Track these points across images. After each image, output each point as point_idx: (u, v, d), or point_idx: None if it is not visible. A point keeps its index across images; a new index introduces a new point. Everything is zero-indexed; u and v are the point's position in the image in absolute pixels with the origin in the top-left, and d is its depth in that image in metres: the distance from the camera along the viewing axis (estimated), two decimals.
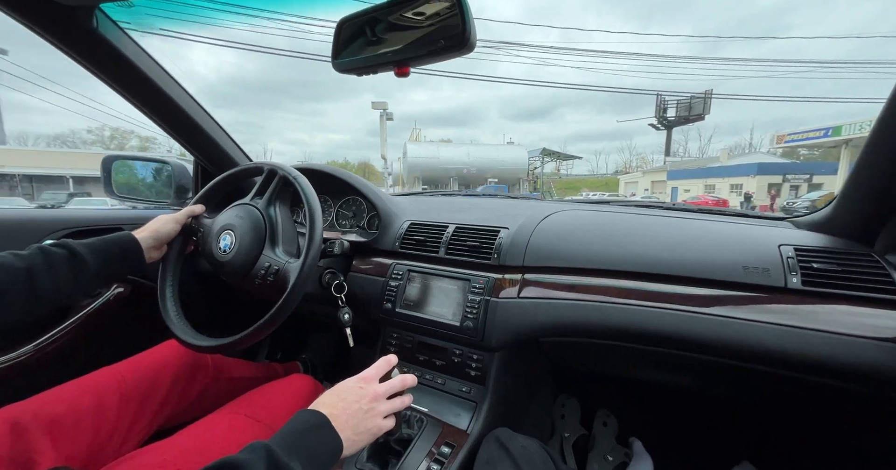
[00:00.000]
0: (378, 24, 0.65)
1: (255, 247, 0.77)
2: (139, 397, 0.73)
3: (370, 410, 0.54)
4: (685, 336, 0.68)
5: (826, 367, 0.59)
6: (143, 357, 0.80)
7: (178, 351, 0.83)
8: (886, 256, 0.65)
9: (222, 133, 1.09)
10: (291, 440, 0.46)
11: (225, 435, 0.66)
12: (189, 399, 0.84)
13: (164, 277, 0.84)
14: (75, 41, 0.75)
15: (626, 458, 1.06)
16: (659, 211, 1.03)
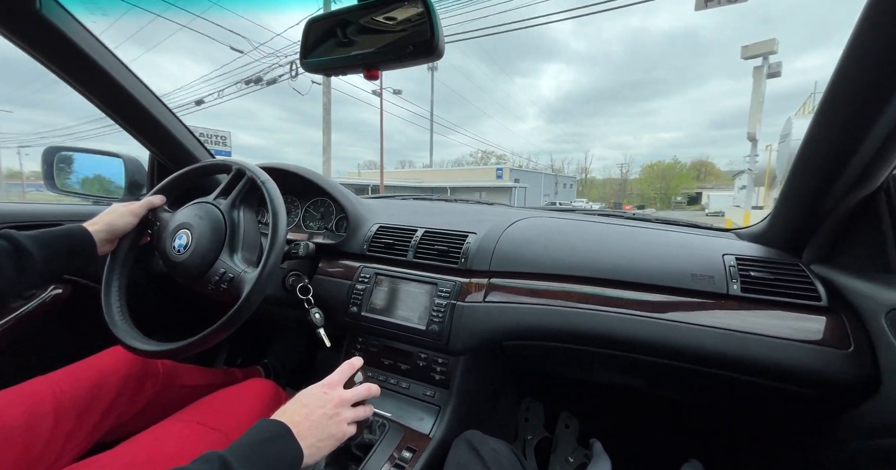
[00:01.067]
0: (349, 26, 0.65)
1: (211, 250, 0.72)
2: (78, 409, 0.68)
3: (335, 416, 0.53)
4: (638, 340, 0.72)
5: (759, 367, 0.64)
6: (84, 365, 0.74)
7: (125, 358, 0.77)
8: (812, 266, 0.71)
9: (182, 128, 1.04)
10: (248, 451, 0.44)
11: (175, 445, 0.62)
12: (135, 409, 0.78)
13: (110, 274, 0.77)
14: (16, 23, 0.69)
15: (585, 459, 1.09)
16: (619, 220, 1.08)
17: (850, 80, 0.49)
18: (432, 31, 0.55)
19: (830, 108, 0.53)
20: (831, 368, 0.60)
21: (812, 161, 0.61)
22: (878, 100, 0.47)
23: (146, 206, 0.80)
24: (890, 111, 0.48)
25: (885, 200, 0.59)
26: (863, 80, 0.48)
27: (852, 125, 0.52)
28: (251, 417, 0.72)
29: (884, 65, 0.45)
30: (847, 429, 0.64)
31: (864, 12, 0.43)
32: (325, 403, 0.53)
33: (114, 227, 0.75)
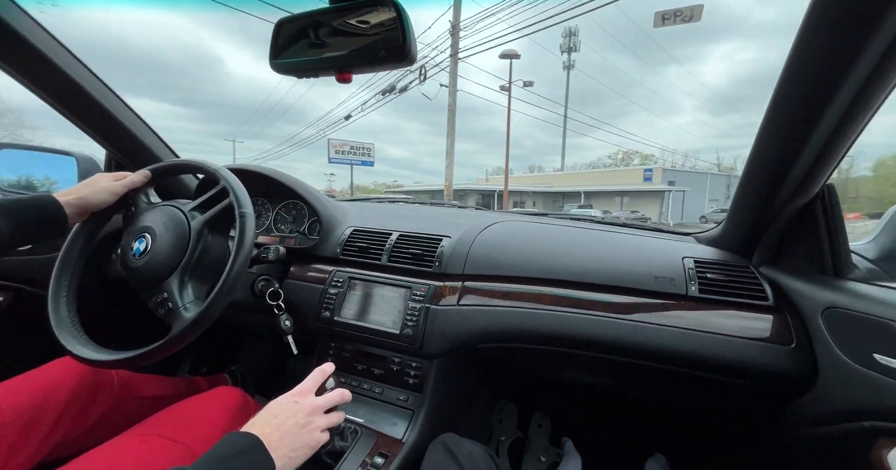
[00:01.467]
0: (322, 27, 0.64)
1: (164, 268, 0.66)
2: (21, 425, 0.62)
3: (307, 424, 0.52)
4: (606, 340, 0.75)
5: (715, 364, 0.68)
6: (27, 378, 0.68)
7: (74, 369, 0.72)
8: (760, 268, 0.77)
9: (143, 126, 0.99)
10: (216, 465, 0.42)
11: (133, 460, 0.58)
12: (87, 424, 0.73)
13: (59, 276, 0.71)
14: None
15: (557, 457, 1.12)
16: (590, 224, 1.12)
17: (786, 104, 0.54)
18: (404, 36, 0.56)
19: (771, 126, 0.58)
20: (776, 363, 0.65)
21: (758, 172, 0.65)
22: (811, 120, 0.52)
23: (128, 186, 0.74)
24: (821, 129, 0.53)
25: (820, 207, 0.65)
26: (796, 104, 0.53)
27: (790, 141, 0.57)
28: (217, 428, 0.69)
29: (811, 93, 0.50)
30: (792, 419, 0.69)
31: (793, 47, 0.47)
32: (297, 412, 0.52)
33: (87, 201, 0.70)
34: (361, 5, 0.58)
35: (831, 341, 0.59)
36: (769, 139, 0.60)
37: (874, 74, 0.45)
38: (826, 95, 0.49)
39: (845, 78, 0.46)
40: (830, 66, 0.46)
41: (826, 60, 0.46)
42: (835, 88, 0.47)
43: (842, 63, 0.45)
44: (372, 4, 0.57)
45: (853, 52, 0.43)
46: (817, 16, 0.44)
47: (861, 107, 0.49)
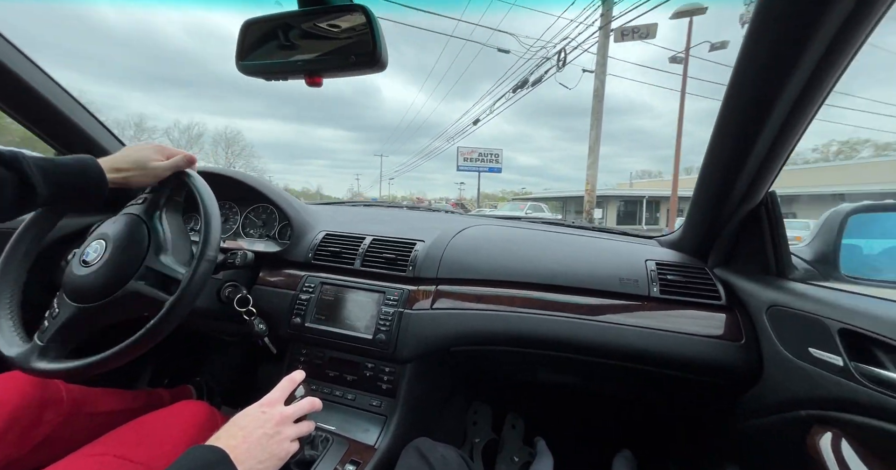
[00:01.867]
0: (291, 29, 0.64)
1: (133, 259, 0.65)
2: None
3: (275, 435, 0.50)
4: (575, 341, 0.77)
5: (675, 361, 0.72)
6: None
7: (16, 384, 0.67)
8: (714, 270, 0.82)
9: (91, 120, 0.93)
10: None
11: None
12: (31, 443, 0.67)
13: (3, 273, 0.67)
14: None
15: (530, 457, 1.14)
16: (560, 228, 1.16)
17: (731, 120, 0.59)
18: (374, 42, 0.56)
19: (719, 139, 0.63)
20: (728, 358, 0.69)
21: (710, 181, 0.70)
22: (752, 135, 0.58)
23: (173, 169, 0.70)
24: (761, 143, 0.58)
25: (764, 213, 0.70)
26: (739, 121, 0.58)
27: (736, 153, 0.62)
28: (180, 446, 0.65)
29: (751, 112, 0.55)
30: (743, 410, 0.74)
31: (732, 76, 0.52)
32: (265, 422, 0.50)
33: (129, 183, 0.67)
34: (330, 10, 0.58)
35: (774, 337, 0.64)
36: (719, 151, 0.65)
37: (800, 99, 0.51)
38: (763, 114, 0.54)
39: (778, 98, 0.51)
40: (765, 88, 0.51)
41: (761, 83, 0.51)
42: (770, 109, 0.53)
43: (774, 86, 0.50)
44: (341, 10, 0.57)
45: (783, 77, 0.48)
46: (752, 46, 0.48)
47: (792, 125, 0.55)
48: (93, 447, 0.62)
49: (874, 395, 0.45)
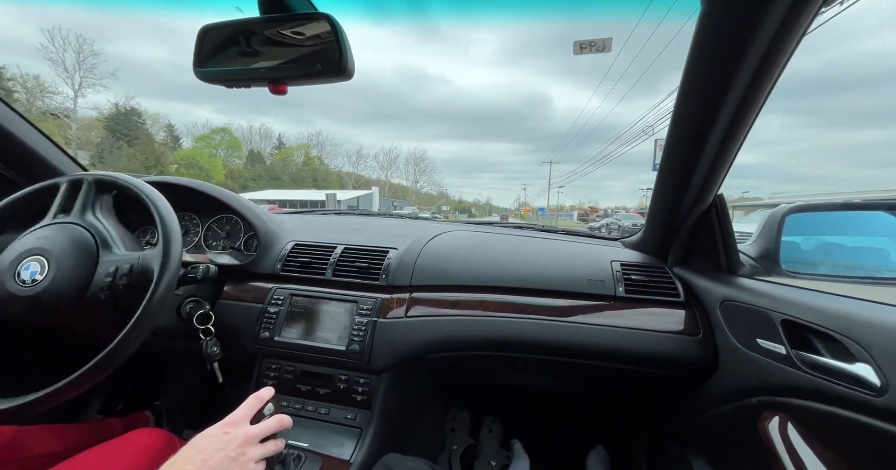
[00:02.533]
0: (253, 36, 0.62)
1: (85, 260, 0.62)
2: None
3: (238, 456, 0.47)
4: (548, 342, 0.79)
5: (639, 357, 0.76)
6: None
7: None
8: (674, 269, 0.87)
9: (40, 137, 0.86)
10: None
11: None
12: None
13: None
14: None
15: (507, 460, 1.15)
16: (531, 232, 1.19)
17: (680, 130, 0.64)
18: (341, 51, 0.56)
19: (672, 146, 0.68)
20: (688, 352, 0.74)
21: (665, 185, 0.75)
22: (700, 142, 0.62)
23: None
24: (708, 150, 0.63)
25: (714, 214, 0.76)
26: (687, 132, 0.63)
27: (687, 160, 0.67)
28: None
29: (698, 121, 0.61)
30: (703, 400, 0.78)
31: (680, 87, 0.57)
32: (227, 444, 0.47)
33: None
34: (294, 17, 0.57)
35: (727, 330, 0.68)
36: (672, 158, 0.69)
37: (737, 114, 0.57)
38: (707, 126, 0.60)
39: (720, 111, 0.57)
40: (708, 102, 0.57)
41: (704, 98, 0.57)
42: (713, 120, 0.58)
43: (715, 100, 0.56)
44: (305, 18, 0.56)
45: (721, 94, 0.54)
46: (695, 61, 0.53)
47: (733, 134, 0.60)
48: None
49: (812, 379, 0.49)
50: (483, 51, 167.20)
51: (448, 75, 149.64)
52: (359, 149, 70.28)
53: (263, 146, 55.71)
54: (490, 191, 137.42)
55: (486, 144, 41.82)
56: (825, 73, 20.88)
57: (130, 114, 35.31)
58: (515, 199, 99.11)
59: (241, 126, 56.16)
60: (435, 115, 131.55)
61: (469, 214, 72.32)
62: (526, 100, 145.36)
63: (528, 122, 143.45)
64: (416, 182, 75.00)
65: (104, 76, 32.43)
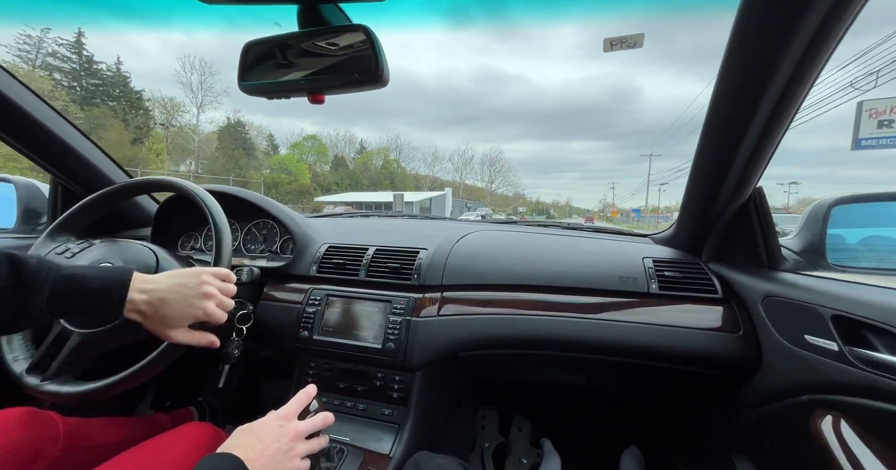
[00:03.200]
0: (289, 49, 0.65)
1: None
2: None
3: (289, 450, 0.50)
4: (580, 340, 0.79)
5: (676, 354, 0.75)
6: None
7: (12, 421, 0.64)
8: (709, 264, 0.85)
9: (94, 148, 0.93)
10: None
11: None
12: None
13: None
14: None
15: (538, 458, 1.15)
16: (557, 230, 1.19)
17: (718, 120, 0.62)
18: (377, 59, 0.58)
19: (708, 138, 0.66)
20: (727, 350, 0.72)
21: (700, 179, 0.74)
22: (738, 134, 0.61)
23: None
24: (747, 140, 0.61)
25: (753, 208, 0.74)
26: (725, 122, 0.61)
27: (724, 152, 0.65)
28: (183, 467, 0.64)
29: (736, 112, 0.58)
30: (745, 399, 0.76)
31: (719, 73, 0.55)
32: (281, 437, 0.50)
33: None
34: (331, 30, 0.59)
35: (771, 326, 0.66)
36: (708, 150, 0.68)
37: (784, 94, 0.54)
38: (748, 112, 0.57)
39: (762, 96, 0.54)
40: (750, 88, 0.54)
41: (746, 83, 0.54)
42: (755, 106, 0.56)
43: (758, 85, 0.53)
44: (342, 30, 0.59)
45: (766, 77, 0.51)
46: (738, 42, 0.51)
47: (776, 122, 0.58)
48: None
49: (868, 376, 0.48)
50: (563, 45, 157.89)
51: (525, 73, 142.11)
52: (434, 150, 69.09)
53: (347, 151, 58.05)
54: (571, 191, 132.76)
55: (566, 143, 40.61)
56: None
57: (237, 126, 39.21)
58: (599, 200, 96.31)
59: (328, 134, 58.66)
60: (512, 115, 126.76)
61: (547, 216, 70.96)
62: (611, 93, 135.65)
63: (612, 117, 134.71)
64: (490, 182, 73.82)
65: (219, 94, 36.16)
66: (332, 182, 46.59)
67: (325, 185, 44.25)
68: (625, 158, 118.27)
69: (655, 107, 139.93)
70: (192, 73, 35.18)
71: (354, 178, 51.66)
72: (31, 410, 0.67)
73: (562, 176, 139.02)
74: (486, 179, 72.71)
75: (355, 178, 51.74)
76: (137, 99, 29.63)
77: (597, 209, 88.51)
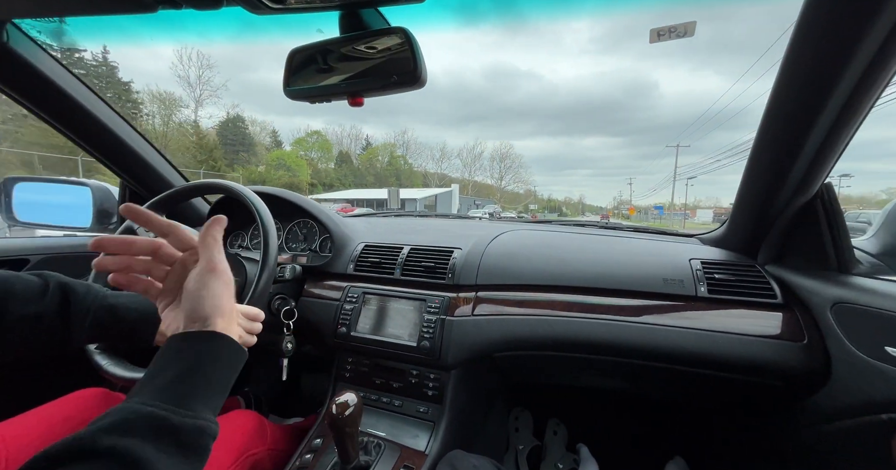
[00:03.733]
0: (329, 54, 0.67)
1: None
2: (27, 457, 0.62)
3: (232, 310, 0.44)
4: (620, 344, 0.76)
5: (729, 363, 0.70)
6: (34, 415, 0.67)
7: (84, 403, 0.71)
8: (766, 267, 0.78)
9: (156, 154, 1.01)
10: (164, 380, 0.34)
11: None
12: None
13: None
14: None
15: (574, 464, 1.12)
16: (594, 229, 1.14)
17: (783, 107, 0.57)
18: (415, 61, 0.58)
19: (770, 129, 0.61)
20: (789, 359, 0.66)
21: (759, 174, 0.68)
22: (807, 122, 0.55)
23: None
24: (817, 131, 0.55)
25: (820, 205, 0.67)
26: (792, 108, 0.55)
27: (789, 144, 0.60)
28: (233, 451, 0.68)
29: (807, 97, 0.53)
30: (808, 414, 0.70)
31: (786, 54, 0.50)
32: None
33: None
34: (371, 33, 0.61)
35: (842, 336, 0.60)
36: (769, 141, 0.62)
37: (864, 78, 0.48)
38: (820, 99, 0.51)
39: (838, 81, 0.49)
40: (823, 71, 0.49)
41: (818, 65, 0.49)
42: (828, 92, 0.50)
43: (833, 68, 0.48)
44: (382, 33, 0.60)
45: (844, 58, 0.46)
46: (809, 20, 0.46)
47: (853, 109, 0.52)
48: None
49: None
50: (575, 39, 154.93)
51: (537, 70, 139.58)
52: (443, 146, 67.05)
53: (353, 147, 56.92)
54: (584, 189, 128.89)
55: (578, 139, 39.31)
56: None
57: (236, 120, 39.22)
58: (614, 198, 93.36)
59: (334, 130, 57.79)
60: (524, 112, 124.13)
61: (559, 214, 68.42)
62: (625, 89, 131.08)
63: (627, 113, 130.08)
64: (500, 179, 70.96)
65: (217, 87, 35.75)
66: (336, 178, 46.00)
67: (327, 182, 43.61)
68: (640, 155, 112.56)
69: (672, 102, 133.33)
70: (190, 66, 34.02)
71: (359, 175, 50.80)
72: (104, 391, 0.74)
73: (574, 173, 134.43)
74: (495, 176, 69.98)
75: (359, 175, 50.86)
76: (125, 91, 27.95)
77: (611, 207, 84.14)
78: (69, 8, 0.57)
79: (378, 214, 1.44)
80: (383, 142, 62.02)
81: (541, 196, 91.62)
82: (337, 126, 64.07)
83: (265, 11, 0.58)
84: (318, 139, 47.95)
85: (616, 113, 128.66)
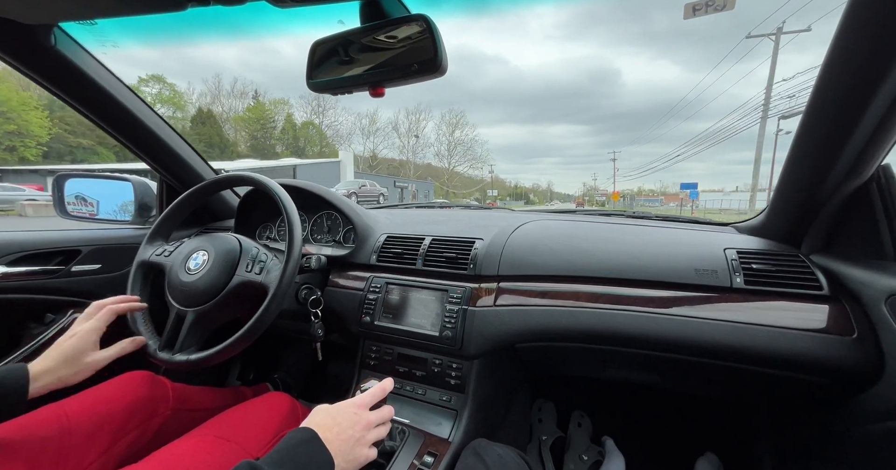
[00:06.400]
0: (351, 45, 0.68)
1: (228, 268, 0.76)
2: (84, 434, 0.67)
3: (361, 439, 0.54)
4: (648, 336, 0.74)
5: (768, 358, 0.66)
6: (91, 393, 0.73)
7: (132, 384, 0.77)
8: (811, 257, 0.73)
9: (188, 148, 1.06)
10: (277, 456, 0.45)
11: (192, 457, 0.62)
12: (149, 433, 0.78)
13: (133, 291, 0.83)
14: (32, 58, 0.72)
15: (599, 456, 1.10)
16: (621, 218, 1.11)
17: (838, 75, 0.52)
18: (436, 49, 0.58)
19: (821, 101, 0.56)
20: (837, 355, 0.62)
21: (805, 156, 0.63)
22: (866, 92, 0.50)
23: (115, 357, 0.72)
24: (878, 102, 0.50)
25: (876, 190, 0.62)
26: (849, 74, 0.50)
27: (843, 118, 0.54)
28: (268, 430, 0.73)
29: (869, 61, 0.47)
30: (855, 414, 0.65)
31: (843, 18, 0.46)
32: (355, 424, 0.54)
33: (64, 382, 0.66)
34: (393, 22, 0.60)
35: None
36: (818, 120, 0.58)
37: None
38: (879, 69, 0.46)
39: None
40: (886, 33, 0.44)
41: (881, 26, 0.44)
42: (889, 62, 0.45)
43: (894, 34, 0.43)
44: (403, 21, 0.59)
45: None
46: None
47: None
48: (196, 431, 0.71)
49: None
50: (541, 25, 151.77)
51: (503, 54, 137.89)
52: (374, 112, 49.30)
53: (236, 105, 43.60)
54: (551, 176, 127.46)
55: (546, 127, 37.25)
56: None
57: None
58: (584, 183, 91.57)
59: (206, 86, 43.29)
60: (491, 98, 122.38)
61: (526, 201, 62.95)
62: (590, 76, 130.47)
63: (592, 100, 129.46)
64: (449, 157, 51.28)
65: None
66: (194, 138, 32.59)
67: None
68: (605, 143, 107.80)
69: (632, 90, 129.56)
70: None
71: (226, 139, 37.77)
72: (150, 373, 0.80)
73: (542, 160, 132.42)
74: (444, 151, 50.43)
75: (227, 139, 37.77)
76: None
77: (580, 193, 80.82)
78: (106, 9, 0.60)
79: (400, 206, 1.46)
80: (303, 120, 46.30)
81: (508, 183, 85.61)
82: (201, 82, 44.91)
83: (288, 4, 0.59)
84: (163, 90, 35.74)
85: (581, 100, 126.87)
